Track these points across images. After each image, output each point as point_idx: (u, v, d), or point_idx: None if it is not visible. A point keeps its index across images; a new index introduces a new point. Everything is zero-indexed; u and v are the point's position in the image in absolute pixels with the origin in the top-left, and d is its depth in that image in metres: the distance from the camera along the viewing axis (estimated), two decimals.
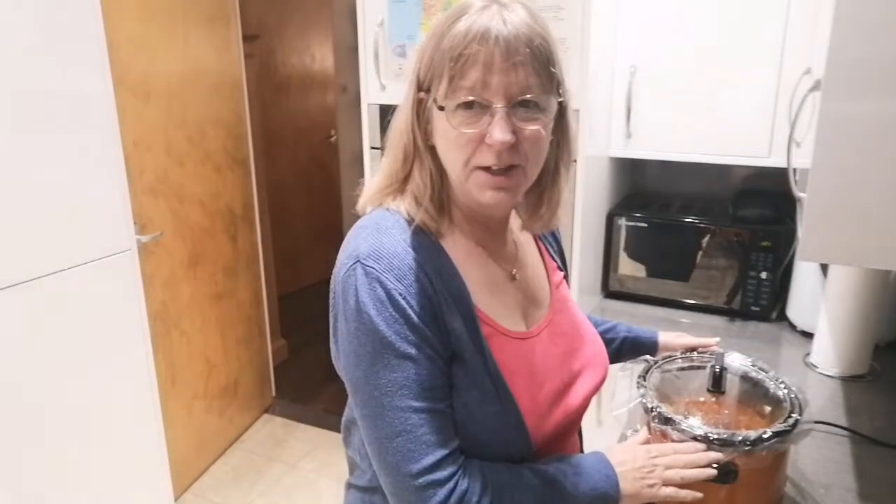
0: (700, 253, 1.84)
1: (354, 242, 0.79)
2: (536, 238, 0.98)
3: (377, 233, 0.79)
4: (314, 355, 3.62)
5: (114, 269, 1.85)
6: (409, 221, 0.82)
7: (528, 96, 0.74)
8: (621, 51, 1.81)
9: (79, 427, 1.79)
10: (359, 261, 0.76)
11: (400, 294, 0.75)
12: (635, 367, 1.12)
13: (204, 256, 2.57)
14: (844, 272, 1.47)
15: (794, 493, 1.09)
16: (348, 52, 4.01)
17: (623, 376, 1.72)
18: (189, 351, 2.51)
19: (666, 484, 0.84)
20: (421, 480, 0.73)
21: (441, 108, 0.76)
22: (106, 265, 1.82)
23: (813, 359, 1.57)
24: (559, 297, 0.95)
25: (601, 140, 1.84)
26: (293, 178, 4.24)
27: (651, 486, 0.83)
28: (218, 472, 2.69)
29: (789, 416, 0.97)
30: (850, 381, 1.49)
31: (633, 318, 1.83)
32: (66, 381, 1.74)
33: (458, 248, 0.84)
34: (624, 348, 1.18)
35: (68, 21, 1.65)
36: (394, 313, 0.74)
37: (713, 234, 1.82)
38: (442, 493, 0.73)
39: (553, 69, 0.76)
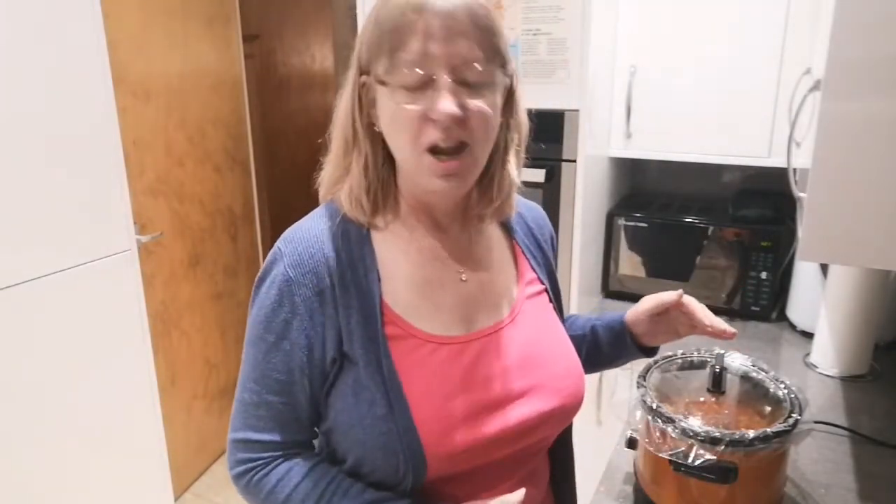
0: (700, 253, 1.84)
1: (296, 224, 0.81)
2: (514, 241, 0.91)
3: (313, 216, 0.81)
4: None
5: (114, 269, 1.85)
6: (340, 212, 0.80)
7: (475, 66, 0.70)
8: (621, 51, 1.81)
9: (79, 427, 1.79)
10: (277, 243, 0.79)
11: (286, 281, 0.75)
12: (635, 366, 1.12)
13: (204, 256, 2.57)
14: (844, 272, 1.47)
15: (794, 493, 1.10)
16: (348, 53, 4.01)
17: (623, 376, 1.72)
18: (189, 351, 2.51)
19: None
20: (231, 445, 0.81)
21: (383, 84, 0.72)
22: (106, 265, 1.82)
23: (813, 359, 1.57)
24: (525, 309, 0.86)
25: (601, 140, 1.84)
26: (293, 178, 4.24)
27: None
28: (218, 472, 2.69)
29: (789, 416, 0.97)
30: (850, 381, 1.49)
31: None
32: (66, 380, 1.74)
33: (393, 244, 0.80)
34: (600, 337, 1.01)
35: (68, 21, 1.65)
36: (273, 297, 0.76)
37: (713, 234, 1.82)
38: (238, 469, 0.80)
39: (497, 41, 0.73)
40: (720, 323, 0.94)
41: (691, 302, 0.96)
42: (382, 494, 0.76)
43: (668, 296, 0.96)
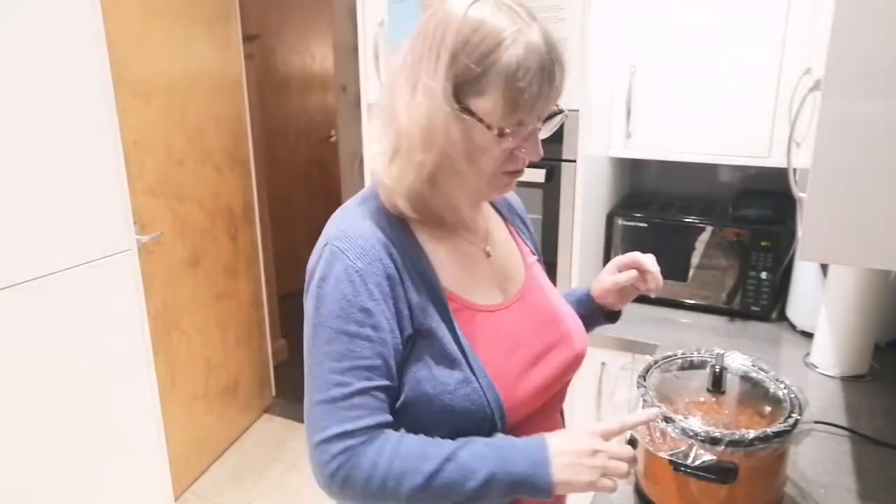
0: (700, 253, 1.84)
1: (330, 226, 0.86)
2: (507, 223, 1.03)
3: (351, 215, 0.85)
4: None
5: (114, 269, 1.85)
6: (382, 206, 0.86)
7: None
8: (621, 51, 1.81)
9: (79, 427, 1.79)
10: (328, 242, 0.82)
11: (357, 272, 0.79)
12: (635, 367, 1.12)
13: (204, 256, 2.57)
14: (844, 272, 1.47)
15: (794, 493, 1.09)
16: (348, 52, 4.00)
17: (623, 376, 1.72)
18: (189, 351, 2.51)
19: (607, 475, 0.80)
20: (320, 449, 0.78)
21: (491, 129, 0.77)
22: (106, 265, 1.82)
23: (813, 359, 1.57)
24: (532, 275, 0.99)
25: (601, 140, 1.84)
26: (293, 178, 4.24)
27: (589, 476, 0.79)
28: (218, 472, 2.69)
29: (789, 416, 0.97)
30: (850, 381, 1.49)
31: (632, 318, 1.83)
32: (66, 381, 1.74)
33: (427, 229, 0.87)
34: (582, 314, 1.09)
35: (68, 21, 1.65)
36: (346, 290, 0.79)
37: (713, 234, 1.82)
38: (333, 465, 0.77)
39: None
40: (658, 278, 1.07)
41: (645, 262, 1.07)
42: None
43: (627, 276, 1.06)
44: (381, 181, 0.84)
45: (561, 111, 0.83)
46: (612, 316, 1.13)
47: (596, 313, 1.11)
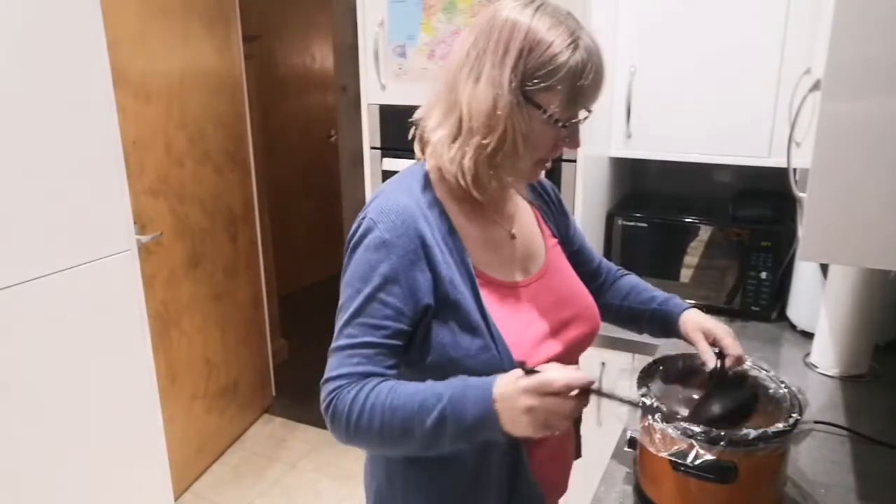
0: (700, 253, 1.84)
1: (374, 200, 0.94)
2: (534, 207, 1.11)
3: (392, 191, 0.94)
4: (314, 355, 3.60)
5: (114, 269, 1.85)
6: (428, 180, 0.96)
7: None
8: (621, 51, 1.81)
9: (79, 427, 1.79)
10: (366, 215, 0.91)
11: (384, 242, 0.88)
12: (635, 366, 1.12)
13: (204, 256, 2.57)
14: (844, 272, 1.47)
15: (794, 493, 1.09)
16: (348, 52, 4.01)
17: (623, 376, 1.72)
18: (189, 351, 2.51)
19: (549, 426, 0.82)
20: (322, 389, 0.89)
21: (552, 119, 0.88)
22: (106, 265, 1.82)
23: (813, 359, 1.57)
24: (552, 257, 1.08)
25: (601, 140, 1.84)
26: (293, 178, 4.24)
27: (528, 431, 0.81)
28: (218, 472, 2.69)
29: (789, 416, 0.97)
30: (850, 381, 1.49)
31: None
32: (66, 381, 1.74)
33: (458, 210, 0.97)
34: (654, 321, 1.17)
35: (68, 21, 1.65)
36: (371, 257, 0.88)
37: (713, 234, 1.82)
38: (325, 402, 0.88)
39: None
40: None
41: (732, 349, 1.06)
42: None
43: (706, 353, 1.05)
44: (441, 160, 0.92)
45: (590, 110, 0.93)
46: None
47: (662, 331, 1.17)
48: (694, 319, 1.10)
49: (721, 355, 1.04)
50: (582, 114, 0.92)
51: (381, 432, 0.85)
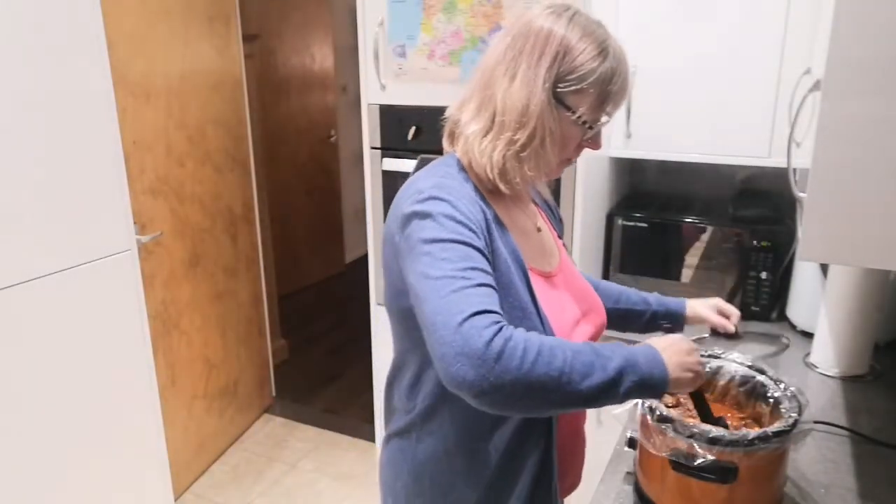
0: (700, 253, 1.84)
1: (416, 184, 0.93)
2: (538, 208, 1.15)
3: (437, 175, 0.94)
4: (314, 355, 3.62)
5: (114, 269, 1.85)
6: (462, 168, 0.98)
7: None
8: None
9: (79, 427, 1.79)
10: (428, 195, 0.89)
11: (459, 211, 0.88)
12: None
13: (204, 256, 2.57)
14: (844, 272, 1.47)
15: (794, 493, 1.10)
16: (348, 52, 4.01)
17: None
18: (189, 351, 2.51)
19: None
20: (467, 325, 0.77)
21: (580, 120, 0.93)
22: (106, 265, 1.82)
23: (813, 359, 1.57)
24: (563, 255, 1.13)
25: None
26: (293, 178, 4.24)
27: (690, 373, 0.88)
28: (218, 472, 2.69)
29: (789, 416, 0.97)
30: (850, 381, 1.49)
31: None
32: (66, 381, 1.74)
33: (498, 202, 0.99)
34: (657, 319, 1.27)
35: (68, 21, 1.65)
36: (454, 222, 0.87)
37: (713, 234, 1.82)
38: (487, 333, 0.77)
39: None
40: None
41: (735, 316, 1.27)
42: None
43: (720, 321, 1.26)
44: (472, 153, 0.94)
45: (611, 115, 0.98)
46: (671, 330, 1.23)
47: (666, 324, 1.22)
48: (696, 305, 1.28)
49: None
50: (604, 118, 0.96)
51: (561, 371, 0.78)
